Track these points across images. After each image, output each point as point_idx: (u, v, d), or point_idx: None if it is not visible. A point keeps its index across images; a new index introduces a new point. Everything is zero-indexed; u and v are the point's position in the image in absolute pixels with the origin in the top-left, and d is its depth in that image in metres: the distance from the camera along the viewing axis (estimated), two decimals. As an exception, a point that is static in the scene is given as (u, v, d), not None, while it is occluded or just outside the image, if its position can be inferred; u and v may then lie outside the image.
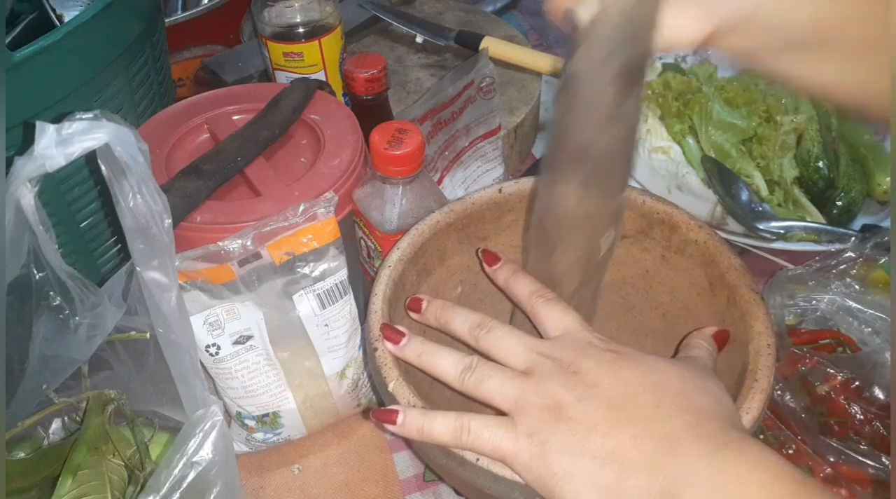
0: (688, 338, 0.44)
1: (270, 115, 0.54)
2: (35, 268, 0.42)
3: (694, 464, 0.33)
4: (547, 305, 0.42)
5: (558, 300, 0.42)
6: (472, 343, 0.41)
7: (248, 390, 0.48)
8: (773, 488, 0.31)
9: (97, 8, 0.47)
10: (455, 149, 0.60)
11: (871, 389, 0.50)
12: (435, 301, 0.44)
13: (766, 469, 0.32)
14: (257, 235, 0.44)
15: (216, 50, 0.83)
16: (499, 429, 0.36)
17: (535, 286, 0.43)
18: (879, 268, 0.55)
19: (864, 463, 0.47)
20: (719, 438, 0.34)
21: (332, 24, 0.65)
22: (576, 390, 0.36)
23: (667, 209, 0.48)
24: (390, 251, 0.47)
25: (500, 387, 0.38)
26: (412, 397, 0.39)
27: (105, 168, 0.37)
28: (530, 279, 0.44)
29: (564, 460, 0.34)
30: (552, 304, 0.42)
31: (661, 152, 0.74)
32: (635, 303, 0.52)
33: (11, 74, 0.43)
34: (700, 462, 0.33)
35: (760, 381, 0.39)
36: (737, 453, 0.33)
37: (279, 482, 0.52)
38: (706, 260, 0.46)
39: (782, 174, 0.69)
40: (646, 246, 0.50)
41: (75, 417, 0.48)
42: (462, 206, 0.49)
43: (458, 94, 0.58)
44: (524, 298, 0.43)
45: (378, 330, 0.42)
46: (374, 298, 0.45)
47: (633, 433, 0.34)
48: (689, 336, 0.44)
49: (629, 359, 0.38)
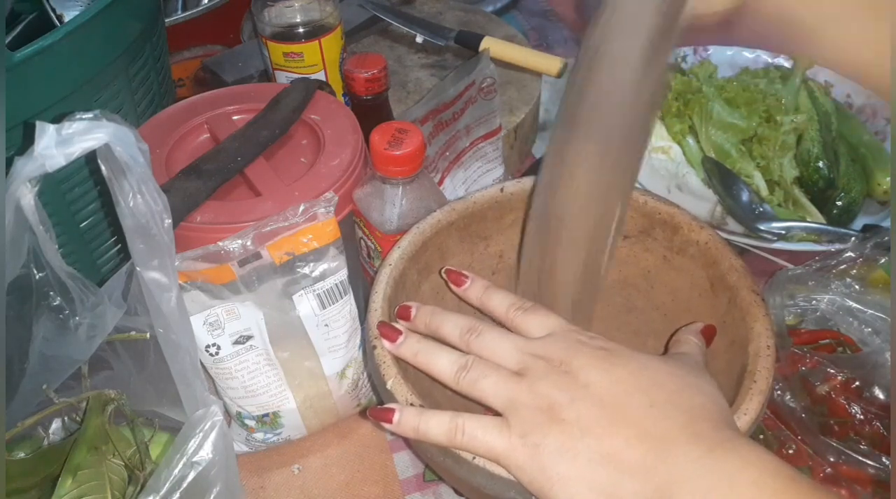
0: (676, 334, 0.44)
1: (270, 115, 0.54)
2: (35, 268, 0.42)
3: (688, 464, 0.33)
4: (527, 315, 0.41)
5: (537, 307, 0.42)
6: (464, 348, 0.41)
7: (248, 389, 0.48)
8: (766, 486, 0.31)
9: (97, 8, 0.47)
10: (456, 149, 0.60)
11: (872, 389, 0.50)
12: (424, 307, 0.43)
13: (758, 467, 0.32)
14: (257, 235, 0.44)
15: (216, 50, 0.83)
16: (493, 430, 0.36)
17: (512, 299, 0.43)
18: (879, 268, 0.55)
19: (864, 463, 0.47)
20: (713, 437, 0.34)
21: (332, 24, 0.65)
22: (568, 390, 0.36)
23: (669, 210, 0.48)
24: (391, 250, 0.47)
25: (494, 387, 0.38)
26: (410, 395, 0.39)
27: (105, 168, 0.37)
28: (505, 293, 0.43)
29: (559, 462, 0.34)
30: (531, 312, 0.41)
31: (662, 152, 0.74)
32: (637, 303, 0.52)
33: (11, 74, 0.43)
34: (694, 463, 0.33)
35: (759, 382, 0.39)
36: (730, 452, 0.33)
37: (279, 482, 0.52)
38: (707, 261, 0.46)
39: (782, 174, 0.69)
40: (647, 246, 0.50)
41: (75, 417, 0.47)
42: (463, 205, 0.49)
43: (459, 95, 0.58)
44: (502, 314, 0.42)
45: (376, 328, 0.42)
46: (375, 297, 0.45)
47: (627, 435, 0.34)
48: (677, 333, 0.44)
49: (620, 356, 0.38)
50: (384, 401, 0.41)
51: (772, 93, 0.73)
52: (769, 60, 0.80)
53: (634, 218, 0.49)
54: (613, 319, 0.53)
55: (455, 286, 0.46)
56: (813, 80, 0.76)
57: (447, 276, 0.46)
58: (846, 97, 0.76)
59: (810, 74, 0.76)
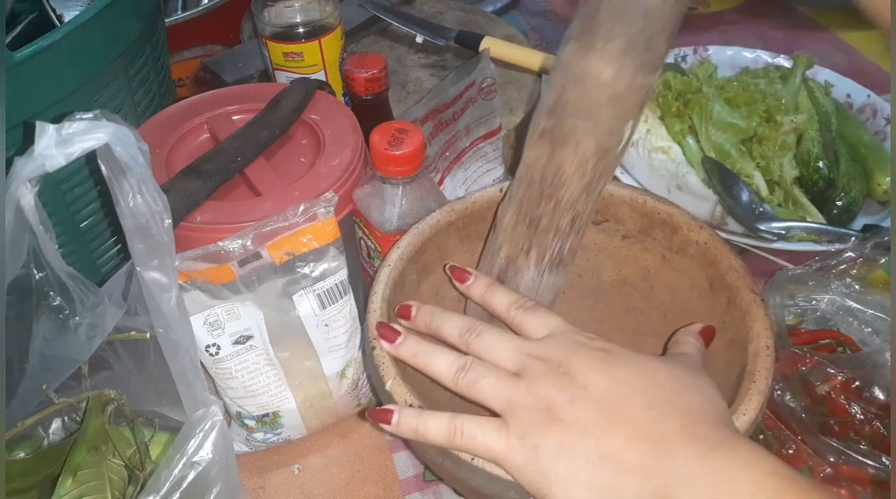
0: (675, 335, 0.44)
1: (270, 115, 0.54)
2: (35, 268, 0.42)
3: (687, 465, 0.33)
4: (527, 314, 0.41)
5: (538, 305, 0.42)
6: (464, 348, 0.41)
7: (248, 389, 0.48)
8: (766, 486, 0.31)
9: (97, 8, 0.47)
10: (456, 149, 0.60)
11: (872, 389, 0.50)
12: (425, 307, 0.43)
13: (758, 467, 0.32)
14: (257, 235, 0.44)
15: (216, 50, 0.83)
16: (491, 431, 0.36)
17: (514, 297, 0.43)
18: (879, 268, 0.55)
19: (864, 463, 0.47)
20: (712, 438, 0.34)
21: (332, 24, 0.65)
22: (567, 391, 0.36)
23: (668, 210, 0.48)
24: (390, 250, 0.47)
25: (492, 388, 0.38)
26: (409, 396, 0.39)
27: (105, 168, 0.37)
28: (506, 291, 0.43)
29: (557, 463, 0.34)
30: (532, 311, 0.41)
31: (662, 152, 0.74)
32: (636, 303, 0.52)
33: (11, 74, 0.43)
34: (693, 463, 0.33)
35: (758, 382, 0.39)
36: (729, 452, 0.33)
37: (279, 482, 0.52)
38: (707, 261, 0.46)
39: (782, 174, 0.69)
40: (647, 246, 0.50)
41: (75, 417, 0.47)
42: (463, 205, 0.49)
43: (459, 95, 0.57)
44: (503, 311, 0.42)
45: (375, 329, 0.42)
46: (374, 297, 0.45)
47: (626, 435, 0.34)
48: (676, 333, 0.44)
49: (619, 357, 0.38)
50: (383, 402, 0.41)
51: (772, 93, 0.73)
52: (769, 60, 0.80)
53: (634, 218, 0.49)
54: (613, 319, 0.53)
55: (458, 283, 0.45)
56: (813, 80, 0.76)
57: (451, 272, 0.46)
58: (846, 97, 0.76)
59: (810, 74, 0.76)
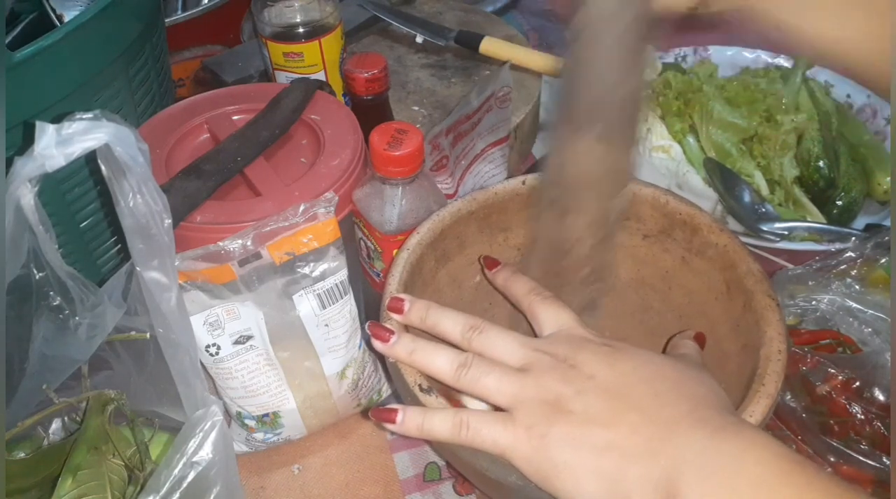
0: (673, 340, 0.46)
1: (270, 115, 0.54)
2: (35, 268, 0.42)
3: (694, 446, 0.33)
4: (544, 303, 0.42)
5: (555, 298, 0.43)
6: (465, 346, 0.41)
7: (248, 389, 0.48)
8: (772, 466, 0.32)
9: (97, 8, 0.47)
10: (470, 156, 0.61)
11: (872, 389, 0.50)
12: (419, 301, 0.43)
13: (764, 448, 0.32)
14: (257, 235, 0.44)
15: (216, 50, 0.83)
16: (497, 424, 0.37)
17: (532, 285, 0.44)
18: (879, 268, 0.55)
19: (864, 463, 0.47)
20: (717, 421, 0.34)
21: (332, 24, 0.65)
22: (574, 383, 0.36)
23: (689, 210, 0.48)
24: (410, 236, 0.47)
25: (497, 384, 0.38)
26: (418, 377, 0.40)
27: (105, 168, 0.37)
28: (527, 279, 0.45)
29: (564, 451, 0.35)
30: (548, 301, 0.42)
31: (662, 151, 0.74)
32: (653, 303, 0.52)
33: (11, 74, 0.43)
34: (698, 444, 0.33)
35: (767, 385, 0.39)
36: (734, 435, 0.33)
37: (279, 482, 0.52)
38: (725, 264, 0.46)
39: (783, 174, 0.69)
40: (667, 246, 0.50)
41: (75, 417, 0.48)
42: (485, 195, 0.50)
43: (480, 106, 0.58)
44: (521, 296, 0.43)
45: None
46: (391, 280, 0.45)
47: (631, 422, 0.35)
48: (673, 338, 0.46)
49: (624, 352, 0.38)
50: (396, 387, 0.41)
51: (772, 92, 0.73)
52: (769, 60, 0.80)
53: (655, 217, 0.49)
54: (629, 318, 0.53)
55: (488, 270, 0.48)
56: (813, 80, 0.76)
57: (484, 261, 0.48)
58: (846, 97, 0.76)
59: (810, 74, 0.76)
